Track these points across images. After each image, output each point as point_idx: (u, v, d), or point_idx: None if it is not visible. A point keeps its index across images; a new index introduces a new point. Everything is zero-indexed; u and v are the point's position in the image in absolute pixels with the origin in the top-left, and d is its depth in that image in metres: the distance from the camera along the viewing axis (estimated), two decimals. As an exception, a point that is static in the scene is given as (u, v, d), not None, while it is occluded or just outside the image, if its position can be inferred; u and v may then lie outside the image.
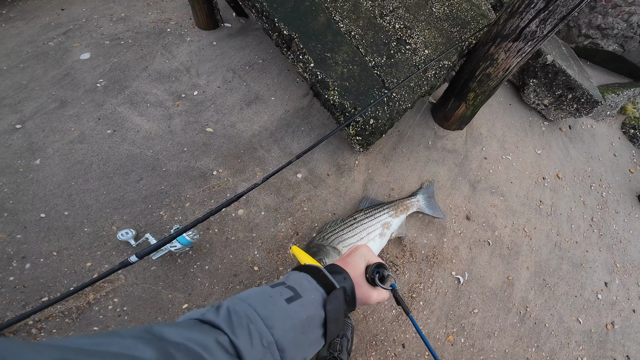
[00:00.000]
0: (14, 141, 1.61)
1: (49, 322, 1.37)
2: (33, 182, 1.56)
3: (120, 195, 1.62)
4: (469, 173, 2.25)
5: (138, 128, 1.76)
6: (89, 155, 1.66)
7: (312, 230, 1.81)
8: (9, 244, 1.45)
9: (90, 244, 1.51)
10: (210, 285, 1.57)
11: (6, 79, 1.72)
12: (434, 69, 1.90)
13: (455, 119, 2.28)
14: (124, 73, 1.88)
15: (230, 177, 1.79)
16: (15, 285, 1.40)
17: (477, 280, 1.95)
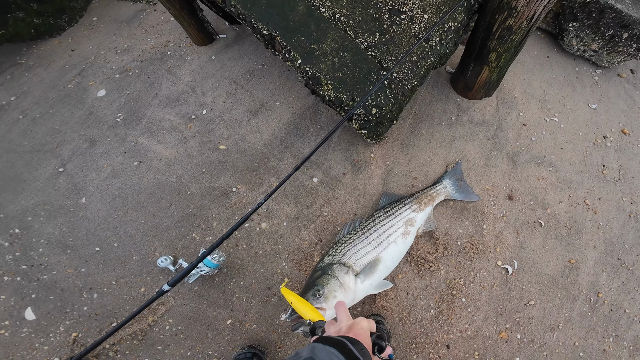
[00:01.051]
0: (61, 184, 1.79)
1: (121, 344, 1.52)
2: (84, 219, 1.72)
3: (156, 222, 1.72)
4: (505, 145, 1.95)
5: (159, 156, 1.85)
6: (123, 188, 1.78)
7: (335, 234, 1.72)
8: (77, 278, 1.63)
9: (140, 271, 1.63)
10: (248, 300, 1.59)
11: (42, 126, 1.91)
12: (438, 35, 1.67)
13: (479, 86, 1.99)
14: (138, 103, 1.97)
15: (249, 192, 1.79)
16: (90, 314, 1.57)
17: (529, 268, 1.68)
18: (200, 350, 1.52)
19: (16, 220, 1.72)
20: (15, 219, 1.72)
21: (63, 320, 1.55)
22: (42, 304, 1.58)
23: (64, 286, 1.60)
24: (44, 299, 1.58)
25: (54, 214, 1.73)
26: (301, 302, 1.23)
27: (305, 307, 1.20)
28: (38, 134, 1.90)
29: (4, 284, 1.61)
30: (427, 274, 1.66)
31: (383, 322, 1.54)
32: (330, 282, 1.43)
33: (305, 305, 1.21)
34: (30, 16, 2.23)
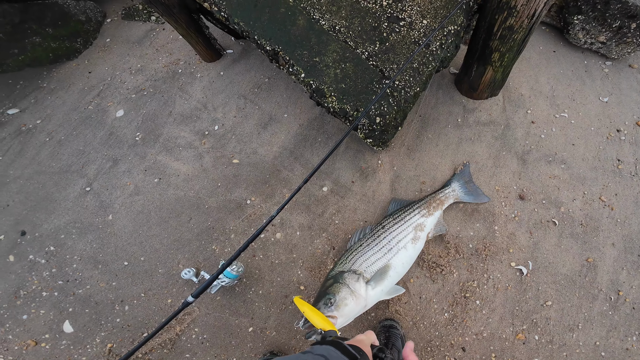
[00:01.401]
0: (89, 202, 1.91)
1: (152, 353, 1.61)
2: (112, 236, 1.83)
3: (178, 236, 1.81)
4: (514, 144, 1.94)
5: (177, 172, 1.94)
6: (146, 205, 1.88)
7: (347, 242, 1.75)
8: (109, 291, 1.73)
9: (166, 283, 1.72)
10: (267, 308, 1.65)
11: (67, 147, 2.04)
12: (438, 40, 1.68)
13: (484, 86, 1.98)
14: (154, 122, 2.08)
15: (262, 204, 1.85)
16: (122, 326, 1.67)
17: (545, 269, 1.66)
18: (225, 358, 1.58)
19: (50, 238, 1.84)
20: (50, 237, 1.84)
21: (98, 332, 1.65)
22: (78, 317, 1.69)
23: (97, 299, 1.71)
24: (80, 312, 1.69)
25: (84, 232, 1.85)
26: (313, 312, 1.27)
27: (317, 316, 1.24)
28: (64, 155, 2.03)
29: (43, 299, 1.73)
30: (440, 277, 1.67)
31: (397, 326, 1.56)
32: (341, 290, 1.46)
33: (316, 315, 1.26)
34: (47, 40, 2.37)
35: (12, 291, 1.75)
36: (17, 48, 2.22)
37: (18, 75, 2.47)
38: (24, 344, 1.65)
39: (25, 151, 2.05)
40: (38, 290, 1.75)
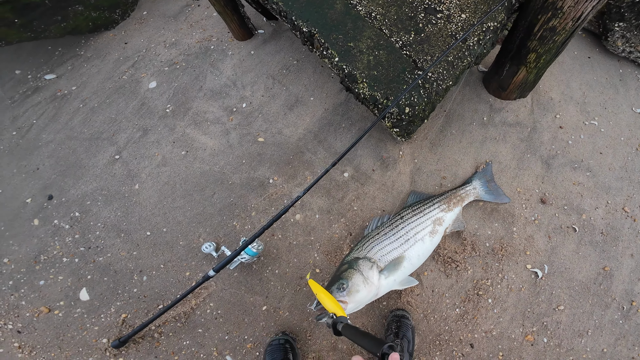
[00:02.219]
0: (117, 170, 1.94)
1: (165, 326, 1.63)
2: (137, 205, 1.86)
3: (201, 210, 1.83)
4: (539, 148, 1.92)
5: (204, 146, 1.97)
6: (172, 176, 1.91)
7: (364, 229, 1.76)
8: (129, 261, 1.76)
9: (186, 256, 1.75)
10: (282, 288, 1.68)
11: (100, 115, 2.07)
12: (476, 35, 1.66)
13: (514, 86, 1.96)
14: (185, 96, 2.10)
15: (284, 184, 1.87)
16: (139, 296, 1.69)
17: (560, 273, 1.66)
18: (237, 335, 1.61)
19: (77, 204, 1.88)
20: (76, 203, 1.88)
21: (114, 301, 1.68)
22: (96, 285, 1.72)
23: (117, 268, 1.74)
24: (98, 281, 1.73)
25: (110, 199, 1.88)
26: (325, 295, 1.29)
27: (329, 300, 1.26)
28: (96, 122, 2.06)
29: (62, 265, 1.76)
30: (454, 273, 1.67)
31: (408, 317, 1.57)
32: (354, 276, 1.48)
33: (329, 298, 1.28)
34: (88, 10, 2.40)
35: (32, 256, 1.79)
36: (61, 15, 2.25)
37: (58, 42, 2.50)
38: (36, 311, 1.68)
39: (59, 116, 2.08)
40: (59, 256, 1.78)
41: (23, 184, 1.93)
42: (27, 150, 2.01)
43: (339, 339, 1.59)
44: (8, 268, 1.77)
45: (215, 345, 1.59)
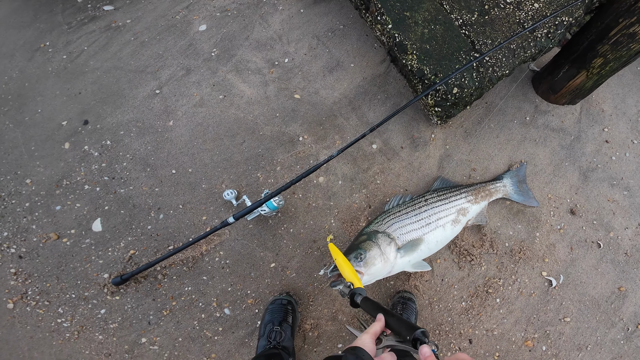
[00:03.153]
0: (155, 105, 1.91)
1: (171, 269, 1.62)
2: (168, 141, 1.84)
3: (229, 155, 1.80)
4: (580, 158, 1.84)
5: (242, 94, 1.93)
6: (206, 118, 1.88)
7: (384, 204, 1.73)
8: (149, 196, 1.74)
9: (205, 200, 1.73)
10: (294, 248, 1.66)
11: (148, 49, 2.04)
12: (546, 28, 1.55)
13: (567, 91, 1.85)
14: (231, 42, 2.06)
15: (313, 144, 1.83)
16: (151, 234, 1.68)
17: (575, 286, 1.62)
18: (240, 288, 1.61)
19: (110, 132, 1.86)
20: (109, 131, 1.86)
21: (126, 236, 1.67)
22: (111, 217, 1.71)
23: (136, 202, 1.73)
24: (115, 213, 1.71)
25: (143, 132, 1.85)
26: (345, 262, 1.26)
27: (348, 268, 1.23)
28: (144, 56, 2.03)
29: (83, 192, 1.75)
30: (467, 266, 1.64)
31: (414, 300, 1.55)
32: (372, 249, 1.45)
33: (347, 266, 1.25)
34: None
35: (55, 179, 1.77)
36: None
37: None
38: (44, 237, 1.66)
39: (110, 46, 2.06)
40: (81, 182, 1.77)
41: (62, 106, 1.91)
42: (73, 74, 1.99)
43: (340, 310, 1.58)
44: (28, 189, 1.76)
45: (217, 295, 1.59)
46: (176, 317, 1.57)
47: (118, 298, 1.58)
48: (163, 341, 1.54)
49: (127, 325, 1.56)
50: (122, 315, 1.57)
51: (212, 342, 1.54)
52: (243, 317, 1.57)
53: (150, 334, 1.55)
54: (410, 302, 1.53)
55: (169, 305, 1.58)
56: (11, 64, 2.02)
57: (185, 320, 1.56)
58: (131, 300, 1.58)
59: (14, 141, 1.85)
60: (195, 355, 1.52)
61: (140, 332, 1.55)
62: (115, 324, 1.56)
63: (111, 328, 1.56)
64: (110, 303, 1.58)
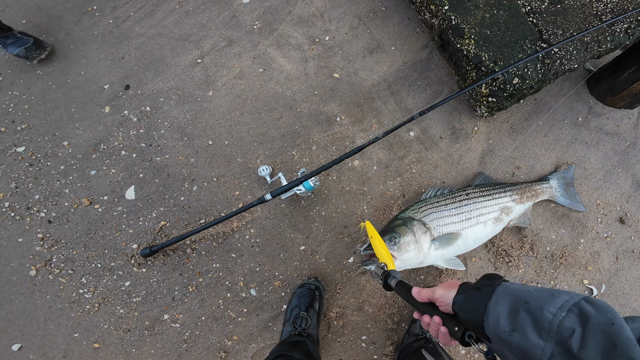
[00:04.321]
0: (195, 74, 1.88)
1: (201, 243, 1.59)
2: (206, 112, 1.80)
3: (265, 130, 1.76)
4: (634, 166, 1.73)
5: (282, 69, 1.88)
6: (245, 90, 1.84)
7: (418, 195, 1.67)
8: (184, 166, 1.71)
9: (240, 174, 1.69)
10: (324, 232, 1.62)
11: (192, 18, 2.01)
12: (627, 22, 1.43)
13: (628, 93, 1.73)
14: (274, 16, 1.99)
15: (350, 126, 1.77)
16: (184, 205, 1.65)
17: (616, 297, 1.55)
18: (269, 269, 1.58)
19: (150, 99, 1.83)
20: (150, 98, 1.83)
21: (158, 206, 1.65)
22: (146, 185, 1.68)
23: (171, 172, 1.70)
24: (150, 181, 1.69)
25: (183, 100, 1.82)
26: (380, 243, 1.21)
27: (382, 249, 1.18)
28: (187, 25, 1.99)
29: (119, 157, 1.73)
30: (504, 267, 1.58)
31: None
32: (407, 234, 1.40)
33: (383, 247, 1.19)
34: None
35: (93, 143, 1.75)
36: None
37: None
38: (76, 202, 1.65)
39: (155, 13, 2.02)
40: (119, 147, 1.75)
41: (105, 70, 1.90)
42: (118, 39, 1.97)
43: (367, 301, 1.54)
44: (65, 152, 1.74)
45: (244, 274, 1.57)
46: (201, 294, 1.55)
47: (145, 270, 1.57)
48: (186, 319, 1.53)
49: (151, 299, 1.55)
50: (147, 289, 1.56)
51: (236, 324, 1.52)
52: (269, 299, 1.54)
53: (174, 310, 1.54)
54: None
55: (196, 281, 1.56)
56: (59, 26, 1.99)
57: (210, 299, 1.55)
58: (157, 274, 1.57)
59: (55, 102, 1.84)
60: (217, 336, 1.51)
61: (163, 308, 1.54)
62: (139, 297, 1.55)
63: (134, 302, 1.55)
64: (136, 275, 1.57)
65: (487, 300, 0.55)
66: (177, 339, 1.51)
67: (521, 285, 0.56)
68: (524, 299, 0.51)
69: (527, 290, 0.53)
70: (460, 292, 0.63)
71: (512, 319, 0.50)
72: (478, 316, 0.56)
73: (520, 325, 0.49)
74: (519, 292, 0.53)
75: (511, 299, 0.52)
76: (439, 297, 0.67)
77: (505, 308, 0.52)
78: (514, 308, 0.51)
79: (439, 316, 0.66)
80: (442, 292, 0.67)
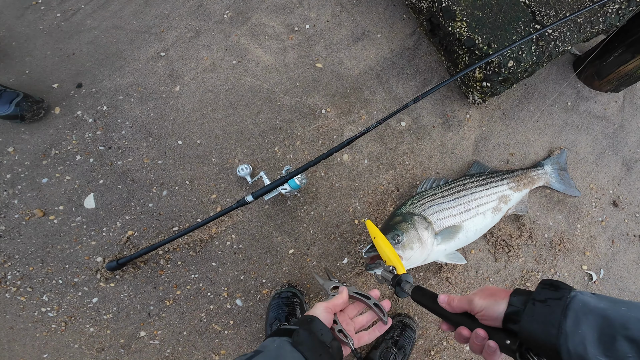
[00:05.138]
0: (159, 68, 1.69)
1: (176, 253, 1.43)
2: (173, 109, 1.62)
3: (242, 127, 1.61)
4: (623, 148, 1.73)
5: (258, 60, 1.73)
6: (217, 84, 1.67)
7: (413, 188, 1.58)
8: (151, 169, 1.53)
9: (216, 175, 1.54)
10: (315, 233, 1.50)
11: (152, 8, 1.80)
12: (617, 3, 1.40)
13: (615, 76, 1.72)
14: (246, 4, 1.84)
15: (337, 118, 1.66)
16: (153, 213, 1.48)
17: (615, 281, 1.54)
18: (255, 276, 1.44)
19: (107, 97, 1.63)
20: (107, 96, 1.63)
21: (123, 214, 1.47)
22: (107, 192, 1.50)
23: (135, 176, 1.52)
24: (111, 187, 1.50)
25: (145, 97, 1.63)
26: (385, 243, 1.12)
27: (389, 250, 1.08)
28: (148, 15, 1.79)
29: (74, 163, 1.52)
30: (504, 257, 1.53)
31: (414, 329, 1.37)
32: (410, 231, 1.32)
33: (389, 248, 1.10)
34: None
35: (43, 148, 1.54)
36: None
37: None
38: (28, 213, 1.45)
39: (110, 4, 1.81)
40: (73, 152, 1.54)
41: (54, 67, 1.67)
42: (68, 34, 1.74)
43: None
44: (11, 159, 1.52)
45: (227, 284, 1.43)
46: (180, 308, 1.40)
47: (113, 285, 1.40)
48: (165, 335, 1.38)
49: (124, 316, 1.38)
50: (118, 305, 1.39)
51: (222, 337, 1.39)
52: (257, 309, 1.42)
53: (151, 326, 1.38)
54: (409, 330, 1.34)
55: (173, 294, 1.41)
56: (-2, 22, 1.75)
57: (191, 312, 1.40)
58: (128, 288, 1.40)
59: (-4, 103, 1.59)
60: (202, 351, 1.37)
61: (138, 325, 1.38)
62: (110, 314, 1.38)
63: (105, 319, 1.38)
64: (104, 291, 1.40)
65: (560, 317, 0.46)
66: (157, 356, 1.36)
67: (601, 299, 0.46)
68: (621, 322, 0.41)
69: (618, 309, 0.43)
70: (515, 304, 0.53)
71: (605, 346, 0.41)
72: (550, 338, 0.46)
73: (621, 356, 0.39)
74: (609, 312, 0.43)
75: (599, 321, 0.43)
76: (481, 309, 0.56)
77: (592, 331, 0.42)
78: (608, 334, 0.41)
79: (482, 329, 0.56)
80: (484, 304, 0.56)
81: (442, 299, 0.64)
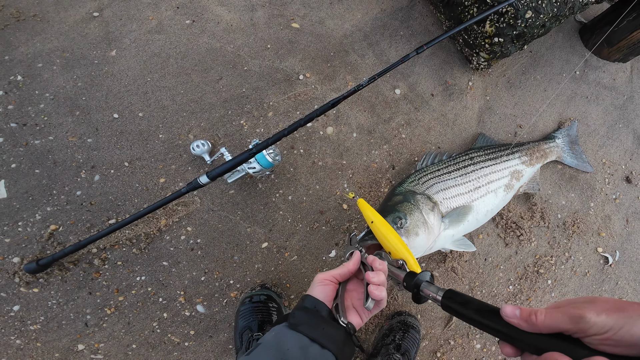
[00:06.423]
0: (91, 30, 1.33)
1: (114, 250, 1.14)
2: (108, 76, 1.28)
3: (199, 96, 1.30)
4: (634, 120, 1.59)
5: (218, 19, 1.41)
6: (166, 47, 1.35)
7: (411, 165, 1.35)
8: (79, 149, 1.20)
9: (164, 155, 1.23)
10: (294, 222, 1.24)
11: None
12: None
13: (626, 44, 1.57)
14: None
15: (318, 85, 1.38)
16: (82, 202, 1.16)
17: (630, 263, 1.40)
18: (219, 277, 1.17)
19: (23, 65, 1.25)
20: (22, 64, 1.26)
21: (44, 205, 1.14)
22: (22, 178, 1.15)
23: (58, 158, 1.17)
24: (27, 172, 1.16)
25: (72, 64, 1.28)
26: (388, 229, 0.87)
27: (395, 238, 0.83)
28: None
29: None
30: (515, 242, 1.34)
31: (418, 329, 1.17)
32: (414, 213, 1.08)
33: (393, 235, 0.85)
34: None
35: None
36: None
37: None
38: None
39: None
40: None
41: None
42: None
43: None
44: None
45: (184, 287, 1.15)
46: (126, 317, 1.11)
47: (37, 290, 1.09)
48: (110, 348, 1.09)
49: (55, 327, 1.08)
50: (46, 314, 1.08)
51: (182, 350, 1.12)
52: (224, 315, 1.15)
53: (90, 338, 1.09)
54: (412, 330, 1.14)
55: (114, 300, 1.12)
56: None
57: (140, 322, 1.12)
58: (56, 294, 1.10)
59: None
60: None
61: (74, 337, 1.08)
62: (37, 325, 1.07)
63: (32, 330, 1.07)
64: (26, 297, 1.08)
65: None
66: (104, 373, 1.06)
67: None
68: None
69: None
70: None
71: None
72: None
73: None
74: None
75: None
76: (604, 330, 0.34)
77: None
78: None
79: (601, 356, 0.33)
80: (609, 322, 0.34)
81: (510, 312, 0.41)
